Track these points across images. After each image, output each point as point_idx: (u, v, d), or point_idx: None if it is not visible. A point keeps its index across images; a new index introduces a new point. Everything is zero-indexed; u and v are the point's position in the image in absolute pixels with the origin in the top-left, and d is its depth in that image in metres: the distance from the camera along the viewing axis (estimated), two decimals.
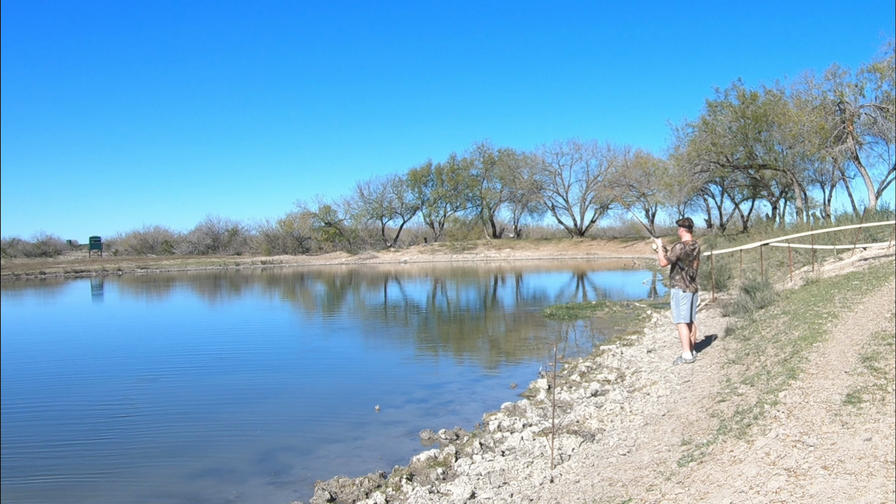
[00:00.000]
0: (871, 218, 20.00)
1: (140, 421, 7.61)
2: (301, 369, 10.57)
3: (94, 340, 14.32)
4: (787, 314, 8.65)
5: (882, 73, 25.61)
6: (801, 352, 6.10)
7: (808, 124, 26.95)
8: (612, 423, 6.08)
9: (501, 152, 58.70)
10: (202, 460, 6.19)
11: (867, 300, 8.35)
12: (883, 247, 14.08)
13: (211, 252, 59.81)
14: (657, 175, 42.31)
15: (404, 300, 23.54)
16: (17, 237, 64.23)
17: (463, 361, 11.20)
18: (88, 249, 63.13)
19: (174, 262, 48.69)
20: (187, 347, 12.95)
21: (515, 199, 59.75)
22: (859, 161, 27.98)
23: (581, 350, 11.25)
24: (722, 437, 4.34)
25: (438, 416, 7.45)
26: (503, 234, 64.76)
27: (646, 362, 8.89)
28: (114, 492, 5.52)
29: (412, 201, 61.10)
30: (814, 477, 3.40)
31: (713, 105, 31.74)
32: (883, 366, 5.12)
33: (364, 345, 13.68)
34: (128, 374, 10.30)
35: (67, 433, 7.19)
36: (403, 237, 64.33)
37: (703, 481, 3.71)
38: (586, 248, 53.79)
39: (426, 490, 4.96)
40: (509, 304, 21.60)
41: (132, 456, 6.39)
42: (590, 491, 4.25)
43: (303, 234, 57.87)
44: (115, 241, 68.29)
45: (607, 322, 14.35)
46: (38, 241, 63.59)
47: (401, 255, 53.45)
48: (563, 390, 7.88)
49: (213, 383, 9.58)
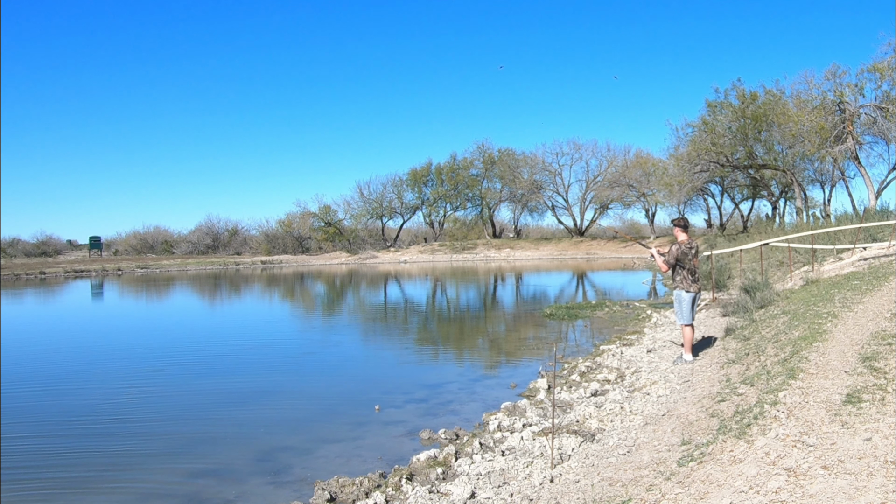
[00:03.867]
0: (870, 218, 20.00)
1: (140, 421, 7.61)
2: (301, 369, 10.57)
3: (94, 340, 14.32)
4: (787, 314, 8.65)
5: (882, 73, 25.61)
6: (801, 352, 6.10)
7: (808, 124, 26.95)
8: (611, 422, 6.09)
9: (501, 152, 58.72)
10: (202, 460, 6.19)
11: (867, 300, 8.35)
12: (883, 247, 14.08)
13: (211, 252, 59.82)
14: (657, 175, 42.30)
15: (404, 300, 23.54)
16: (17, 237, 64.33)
17: (463, 361, 11.20)
18: (88, 249, 63.13)
19: (174, 262, 48.69)
20: (187, 347, 12.95)
21: (515, 199, 59.75)
22: (859, 161, 27.99)
23: (581, 350, 11.25)
24: (722, 437, 4.34)
25: (438, 416, 7.45)
26: (503, 234, 64.76)
27: (646, 362, 8.89)
28: (114, 492, 5.52)
29: (412, 201, 61.13)
30: (814, 477, 3.40)
31: (713, 105, 31.72)
32: (883, 366, 5.12)
33: (364, 345, 13.68)
34: (128, 373, 10.31)
35: (67, 433, 7.19)
36: (403, 237, 64.33)
37: (703, 481, 3.71)
38: (586, 248, 53.79)
39: (426, 490, 4.96)
40: (509, 304, 21.61)
41: (132, 456, 6.39)
42: (590, 491, 4.25)
43: (303, 233, 57.86)
44: (115, 240, 68.29)
45: (607, 322, 14.35)
46: (38, 240, 63.61)
47: (401, 255, 53.44)
48: (562, 390, 7.88)
49: (214, 383, 9.57)
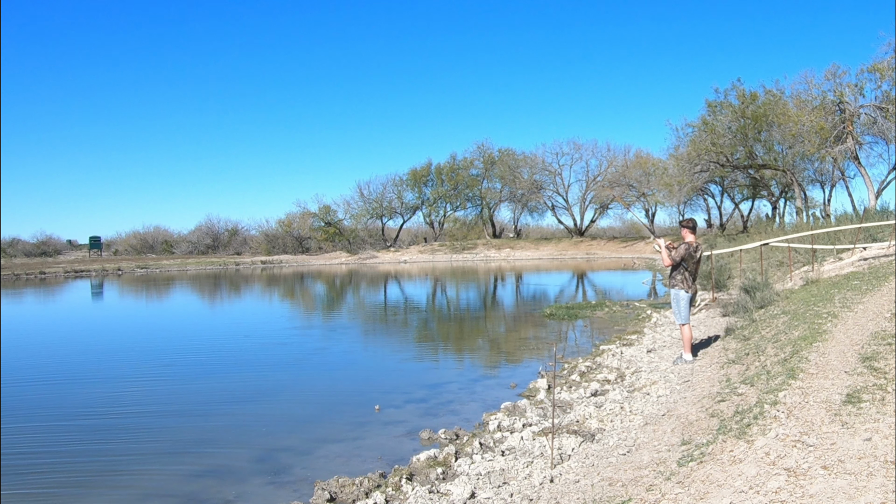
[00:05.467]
0: (870, 218, 20.00)
1: (140, 421, 7.61)
2: (301, 369, 10.56)
3: (94, 340, 14.32)
4: (787, 314, 8.65)
5: (882, 73, 25.62)
6: (801, 352, 6.10)
7: (808, 124, 26.96)
8: (611, 422, 6.08)
9: (501, 152, 58.75)
10: (202, 460, 6.19)
11: (867, 300, 8.35)
12: (883, 247, 14.08)
13: (211, 252, 59.84)
14: (657, 175, 42.33)
15: (404, 300, 23.54)
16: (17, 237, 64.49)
17: (463, 361, 11.20)
18: (88, 249, 63.17)
19: (174, 262, 48.70)
20: (187, 347, 12.95)
21: (515, 198, 59.78)
22: (859, 161, 27.99)
23: (581, 350, 11.25)
24: (722, 437, 4.34)
25: (438, 416, 7.44)
26: (503, 234, 64.77)
27: (645, 362, 8.89)
28: (114, 492, 5.52)
29: (412, 201, 61.17)
30: (814, 477, 3.40)
31: (713, 105, 31.74)
32: (883, 366, 5.12)
33: (364, 345, 13.68)
34: (128, 373, 10.31)
35: (67, 433, 7.19)
36: (403, 237, 64.34)
37: (703, 481, 3.71)
38: (586, 248, 53.80)
39: (426, 490, 4.96)
40: (509, 304, 21.60)
41: (132, 456, 6.39)
42: (589, 491, 4.25)
43: (303, 233, 57.88)
44: (115, 240, 68.34)
45: (607, 322, 14.35)
46: (38, 240, 63.69)
47: (401, 255, 53.44)
48: (562, 390, 7.88)
49: (213, 383, 9.57)
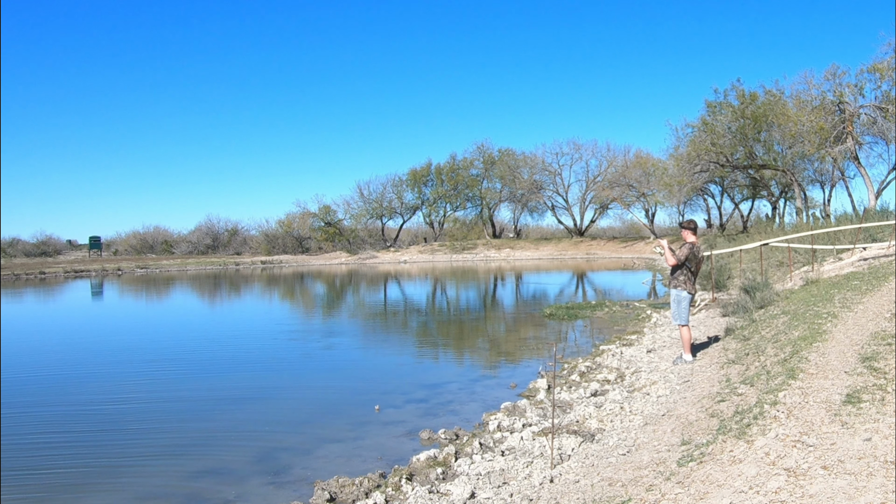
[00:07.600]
0: (870, 218, 19.99)
1: (140, 421, 7.61)
2: (301, 369, 10.57)
3: (94, 340, 14.31)
4: (787, 314, 8.65)
5: (882, 74, 25.60)
6: (801, 352, 6.10)
7: (808, 124, 26.94)
8: (611, 423, 6.09)
9: (501, 152, 58.71)
10: (202, 460, 6.19)
11: (867, 300, 8.35)
12: (883, 247, 14.08)
13: (211, 252, 59.81)
14: (657, 175, 42.30)
15: (404, 300, 23.54)
16: (17, 237, 64.41)
17: (463, 361, 11.20)
18: (88, 249, 63.15)
19: (174, 262, 48.68)
20: (187, 347, 12.95)
21: (515, 199, 59.75)
22: (859, 161, 27.98)
23: (581, 350, 11.25)
24: (722, 437, 4.34)
25: (438, 416, 7.45)
26: (503, 234, 64.76)
27: (645, 362, 8.89)
28: (114, 492, 5.52)
29: (412, 201, 61.12)
30: (813, 477, 3.41)
31: (712, 105, 31.71)
32: (883, 366, 5.12)
33: (364, 345, 13.68)
34: (128, 373, 10.31)
35: (67, 433, 7.20)
36: (403, 237, 64.32)
37: (703, 481, 3.71)
38: (586, 248, 53.79)
39: (426, 490, 4.96)
40: (509, 304, 21.60)
41: (132, 456, 6.39)
42: (589, 491, 4.25)
43: (302, 233, 57.84)
44: (115, 240, 68.28)
45: (607, 322, 14.35)
46: (38, 240, 63.63)
47: (400, 255, 53.44)
48: (562, 390, 7.88)
49: (213, 383, 9.57)
